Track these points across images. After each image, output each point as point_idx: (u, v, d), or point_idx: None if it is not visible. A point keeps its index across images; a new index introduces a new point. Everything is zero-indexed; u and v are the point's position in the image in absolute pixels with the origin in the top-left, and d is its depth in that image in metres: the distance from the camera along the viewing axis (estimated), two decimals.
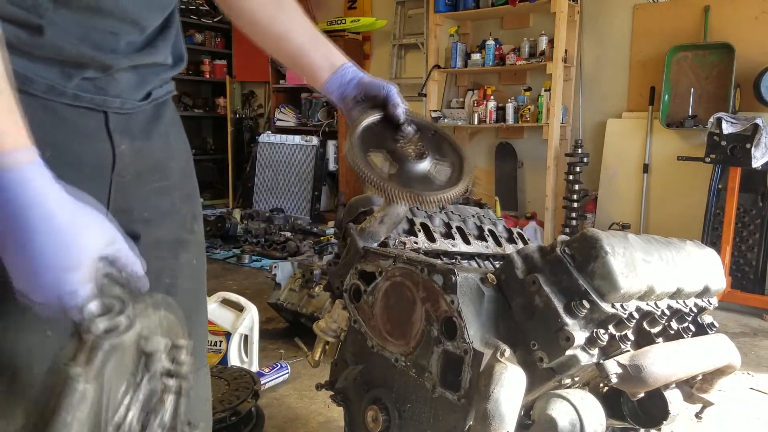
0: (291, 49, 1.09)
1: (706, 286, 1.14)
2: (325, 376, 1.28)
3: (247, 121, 7.59)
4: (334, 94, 1.11)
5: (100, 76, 0.76)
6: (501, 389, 0.85)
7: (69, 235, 0.59)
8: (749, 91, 4.08)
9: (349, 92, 1.10)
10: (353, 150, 1.00)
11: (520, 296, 0.96)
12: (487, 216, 1.59)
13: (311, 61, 1.10)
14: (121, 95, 0.80)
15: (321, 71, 1.10)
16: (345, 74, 1.10)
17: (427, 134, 1.11)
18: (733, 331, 3.47)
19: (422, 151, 1.06)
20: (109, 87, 0.78)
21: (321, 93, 1.14)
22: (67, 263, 0.58)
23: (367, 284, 1.12)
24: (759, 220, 3.89)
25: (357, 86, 1.09)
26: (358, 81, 1.10)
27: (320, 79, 1.11)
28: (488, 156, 5.80)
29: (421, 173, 1.04)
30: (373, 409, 1.10)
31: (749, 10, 4.33)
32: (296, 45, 1.08)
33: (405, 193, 0.96)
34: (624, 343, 0.95)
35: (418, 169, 1.04)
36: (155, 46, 0.84)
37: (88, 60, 0.73)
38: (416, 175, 1.03)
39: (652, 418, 1.13)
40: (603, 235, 0.95)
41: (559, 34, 4.81)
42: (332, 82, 1.10)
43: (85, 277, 0.59)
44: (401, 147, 1.05)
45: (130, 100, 0.82)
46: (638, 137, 4.77)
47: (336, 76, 1.09)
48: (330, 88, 1.10)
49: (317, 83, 1.12)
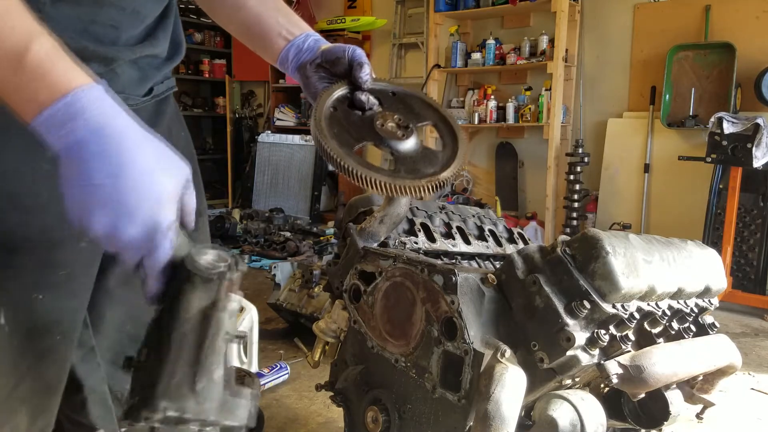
0: (246, 18, 0.96)
1: (706, 286, 1.13)
2: (324, 376, 1.27)
3: (247, 120, 7.59)
4: (290, 64, 0.96)
5: (103, 70, 0.76)
6: (501, 390, 0.85)
7: (161, 168, 0.57)
8: (750, 90, 4.07)
9: (307, 58, 0.94)
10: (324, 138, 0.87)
11: (521, 296, 0.96)
12: (488, 216, 1.59)
13: (267, 29, 0.96)
14: (124, 91, 0.80)
15: (277, 39, 0.95)
16: (304, 41, 0.95)
17: (388, 98, 0.98)
18: (734, 331, 3.46)
19: (405, 124, 0.93)
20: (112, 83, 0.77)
21: (277, 66, 0.98)
22: (162, 196, 0.56)
23: (367, 284, 1.11)
24: (760, 220, 3.89)
25: (315, 51, 0.95)
26: (318, 47, 0.95)
27: (275, 48, 0.96)
28: (489, 156, 5.80)
29: (415, 149, 0.92)
30: (373, 409, 1.09)
31: (750, 10, 4.33)
32: (253, 13, 0.95)
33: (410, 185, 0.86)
34: (625, 343, 0.95)
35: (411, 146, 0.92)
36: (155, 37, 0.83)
37: (90, 54, 0.73)
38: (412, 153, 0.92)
39: (652, 418, 1.12)
40: (604, 235, 0.95)
41: (559, 33, 4.81)
42: (288, 50, 0.95)
43: (174, 212, 0.58)
44: (382, 128, 0.92)
45: (132, 95, 0.82)
46: (639, 137, 4.77)
47: (293, 44, 0.95)
48: (285, 57, 0.96)
49: (272, 53, 0.97)
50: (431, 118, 0.99)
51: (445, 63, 5.65)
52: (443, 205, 1.50)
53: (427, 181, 0.88)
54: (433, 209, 1.45)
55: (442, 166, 0.92)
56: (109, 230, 0.55)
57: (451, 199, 5.53)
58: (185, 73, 7.53)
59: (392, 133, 0.92)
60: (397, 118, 0.94)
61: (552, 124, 4.91)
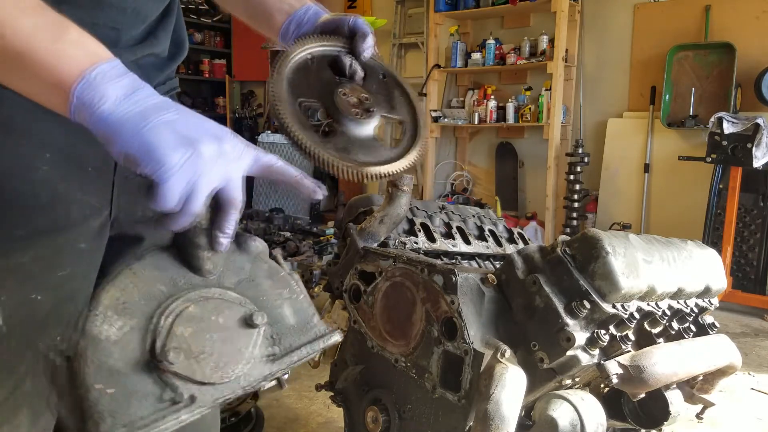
0: None
1: (706, 286, 1.13)
2: (325, 376, 1.27)
3: (247, 120, 7.59)
4: (291, 38, 0.90)
5: None
6: (502, 390, 0.85)
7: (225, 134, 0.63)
8: (750, 90, 4.07)
9: (307, 29, 0.89)
10: (278, 88, 0.77)
11: (521, 296, 0.96)
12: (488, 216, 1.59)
13: (269, 3, 0.91)
14: None
15: (278, 14, 0.90)
16: (305, 13, 0.90)
17: (375, 78, 0.89)
18: (734, 331, 3.46)
19: (369, 107, 0.83)
20: None
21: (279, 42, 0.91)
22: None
23: (367, 284, 1.11)
24: (760, 220, 3.89)
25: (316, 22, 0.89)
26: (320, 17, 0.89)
27: (277, 22, 0.91)
28: (488, 156, 5.80)
29: (364, 136, 0.82)
30: (373, 409, 1.09)
31: (750, 10, 4.33)
32: None
33: (341, 164, 0.75)
34: (625, 343, 0.95)
35: (361, 131, 0.81)
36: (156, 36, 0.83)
37: None
38: (358, 137, 0.81)
39: (652, 418, 1.12)
40: (604, 235, 0.95)
41: (559, 33, 4.81)
42: (289, 23, 0.90)
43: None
44: (342, 97, 0.82)
45: None
46: (639, 137, 4.77)
47: (294, 17, 0.90)
48: (286, 30, 0.90)
49: (274, 28, 0.92)
50: (404, 116, 0.89)
51: (445, 63, 5.65)
52: (443, 205, 1.50)
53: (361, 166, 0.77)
54: (433, 209, 1.45)
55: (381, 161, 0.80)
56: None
57: (451, 199, 5.53)
58: (185, 73, 7.53)
59: (347, 107, 0.81)
60: (365, 97, 0.84)
61: (552, 124, 4.91)
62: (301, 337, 0.71)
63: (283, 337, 0.70)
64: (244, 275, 0.71)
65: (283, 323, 0.71)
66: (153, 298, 0.65)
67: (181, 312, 0.64)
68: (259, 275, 0.72)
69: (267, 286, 0.72)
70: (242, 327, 0.66)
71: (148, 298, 0.65)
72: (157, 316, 0.64)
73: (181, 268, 0.68)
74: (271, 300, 0.72)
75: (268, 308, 0.70)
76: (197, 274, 0.69)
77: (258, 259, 0.74)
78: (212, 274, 0.69)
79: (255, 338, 0.67)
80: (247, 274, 0.72)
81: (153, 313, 0.64)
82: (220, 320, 0.66)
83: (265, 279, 0.73)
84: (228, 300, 0.68)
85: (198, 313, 0.65)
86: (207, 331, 0.64)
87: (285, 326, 0.71)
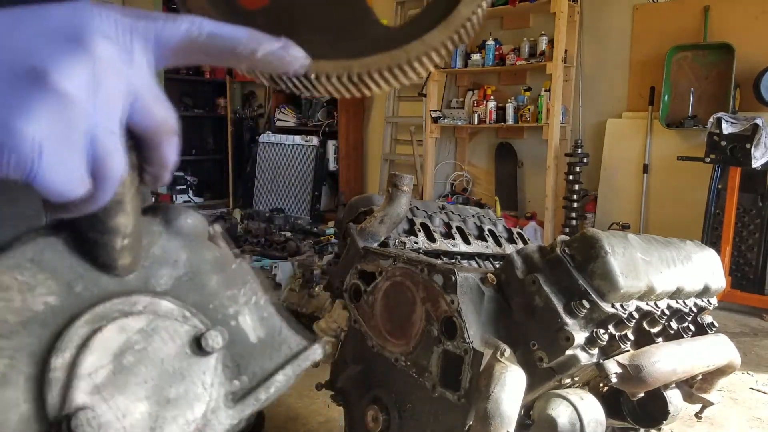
0: None
1: (705, 285, 1.14)
2: (325, 376, 1.28)
3: (248, 121, 7.59)
4: None
5: None
6: (501, 389, 0.85)
7: None
8: (749, 91, 4.08)
9: None
10: None
11: (520, 296, 0.96)
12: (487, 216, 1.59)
13: None
14: None
15: None
16: None
17: None
18: (733, 330, 3.47)
19: None
20: None
21: None
22: None
23: (367, 284, 1.12)
24: (759, 220, 3.89)
25: None
26: None
27: None
28: (488, 156, 5.80)
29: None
30: (373, 408, 1.10)
31: (749, 10, 4.33)
32: None
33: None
34: (624, 342, 0.95)
35: None
36: None
37: None
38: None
39: (651, 417, 1.13)
40: (603, 235, 0.95)
41: (559, 34, 4.81)
42: None
43: None
44: None
45: None
46: (638, 137, 4.77)
47: None
48: None
49: None
50: None
51: (445, 64, 5.66)
52: (443, 205, 1.51)
53: None
54: (432, 209, 1.45)
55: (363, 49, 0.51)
56: None
57: (450, 199, 5.54)
58: (186, 73, 7.53)
59: None
60: None
61: (551, 124, 4.92)
62: (273, 359, 0.49)
63: (247, 361, 0.47)
64: (180, 271, 0.45)
65: (245, 341, 0.47)
66: (35, 321, 0.37)
67: (87, 341, 0.38)
68: (201, 269, 0.47)
69: (215, 286, 0.47)
70: (188, 355, 0.43)
71: (28, 322, 0.37)
72: (44, 351, 0.37)
73: (80, 264, 0.40)
74: (223, 307, 0.47)
75: (220, 321, 0.46)
76: (107, 273, 0.41)
77: (197, 244, 0.47)
78: (131, 271, 0.42)
79: (210, 371, 0.44)
80: (184, 269, 0.46)
81: (38, 347, 0.37)
82: (152, 349, 0.41)
83: (211, 274, 0.47)
84: (162, 314, 0.42)
85: (115, 341, 0.39)
86: (133, 370, 0.40)
87: (248, 346, 0.47)
